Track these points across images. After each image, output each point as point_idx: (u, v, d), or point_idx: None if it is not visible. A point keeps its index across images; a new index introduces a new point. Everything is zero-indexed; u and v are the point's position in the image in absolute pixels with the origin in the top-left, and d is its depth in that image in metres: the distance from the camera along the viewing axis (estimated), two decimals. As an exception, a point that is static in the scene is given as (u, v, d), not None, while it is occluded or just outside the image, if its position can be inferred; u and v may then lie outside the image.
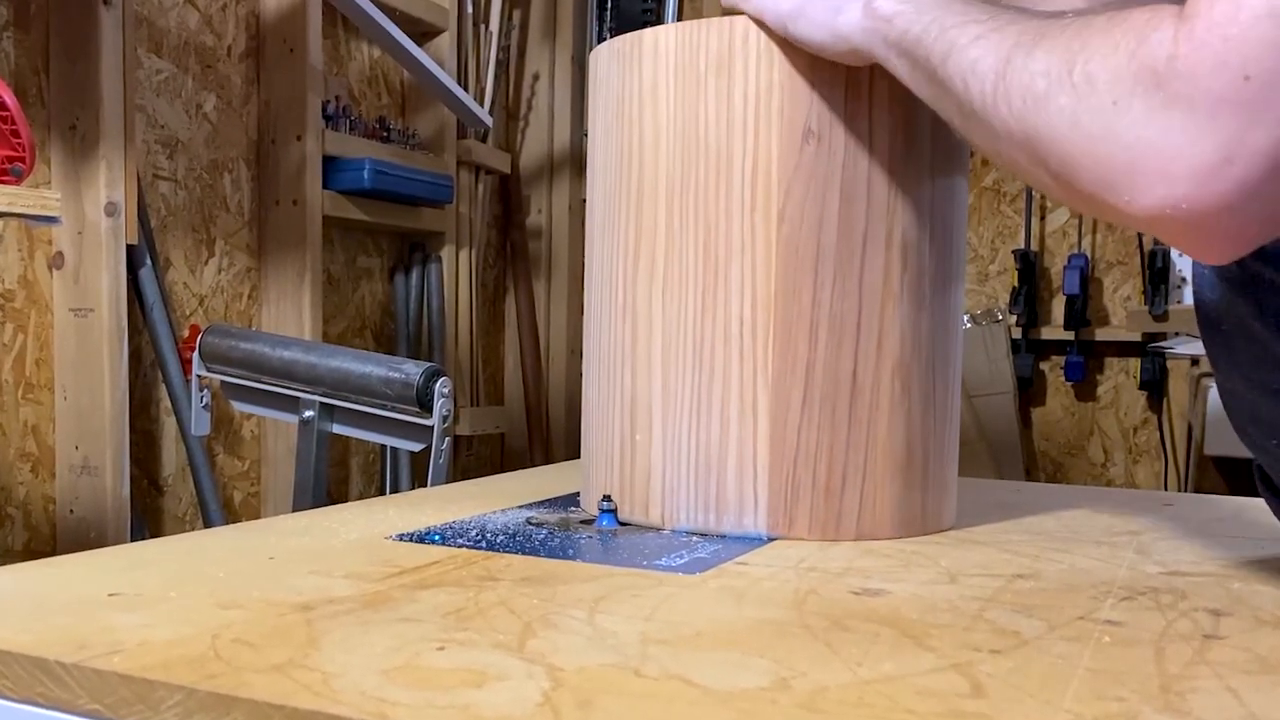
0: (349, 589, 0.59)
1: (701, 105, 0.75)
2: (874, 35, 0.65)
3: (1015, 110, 0.55)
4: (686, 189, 0.76)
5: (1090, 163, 0.51)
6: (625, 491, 0.80)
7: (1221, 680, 0.45)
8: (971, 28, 0.58)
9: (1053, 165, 0.54)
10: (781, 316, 0.74)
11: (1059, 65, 0.52)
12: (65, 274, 1.65)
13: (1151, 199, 0.49)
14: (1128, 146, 0.49)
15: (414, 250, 2.41)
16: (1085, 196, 0.53)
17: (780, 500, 0.74)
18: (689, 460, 0.76)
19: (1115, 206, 0.51)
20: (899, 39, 0.63)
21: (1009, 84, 0.55)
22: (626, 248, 0.79)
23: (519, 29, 2.76)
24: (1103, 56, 0.50)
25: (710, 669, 0.46)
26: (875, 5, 0.65)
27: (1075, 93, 0.51)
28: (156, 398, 1.85)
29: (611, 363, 0.80)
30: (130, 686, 0.44)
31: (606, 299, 0.81)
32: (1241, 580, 0.64)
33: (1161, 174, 0.49)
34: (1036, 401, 2.68)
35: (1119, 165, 0.50)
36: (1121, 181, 0.50)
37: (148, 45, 1.81)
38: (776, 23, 0.71)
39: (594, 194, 0.84)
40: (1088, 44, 0.51)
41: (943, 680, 0.45)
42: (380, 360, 1.42)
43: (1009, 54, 0.55)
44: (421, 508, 0.86)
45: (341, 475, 2.26)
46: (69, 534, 1.66)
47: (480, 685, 0.43)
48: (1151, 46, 0.48)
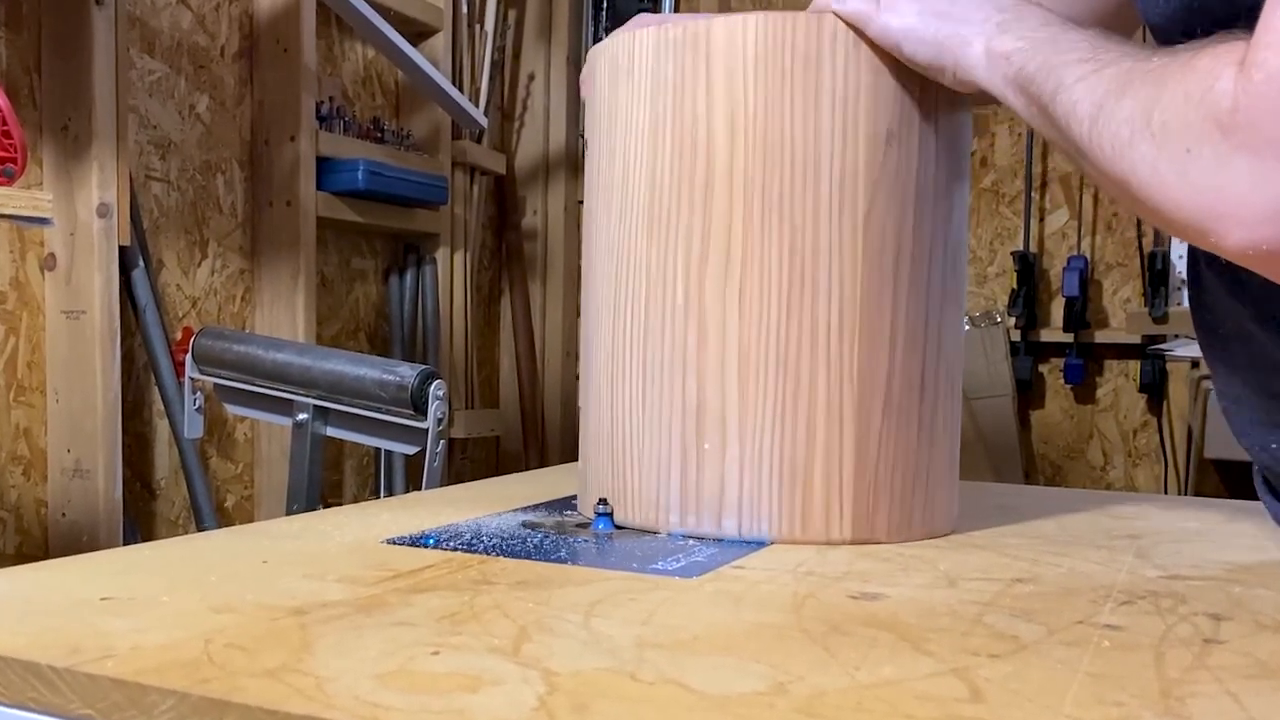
0: (343, 593, 0.58)
1: (786, 104, 0.73)
2: (995, 72, 0.67)
3: (1107, 155, 0.58)
4: (770, 189, 0.74)
5: (1174, 207, 0.55)
6: (689, 502, 0.76)
7: (1222, 685, 0.45)
8: (1075, 68, 0.61)
9: (1147, 206, 0.57)
10: (865, 322, 0.74)
11: (1140, 114, 0.56)
12: (57, 275, 1.65)
13: (1235, 240, 0.53)
14: (1202, 192, 0.53)
15: (408, 252, 2.40)
16: (1181, 232, 0.57)
17: (864, 507, 0.74)
18: (770, 469, 0.75)
19: (1208, 243, 0.55)
20: (1015, 76, 0.66)
21: (1100, 130, 0.58)
22: (689, 247, 0.75)
23: (514, 29, 2.76)
24: (1175, 105, 0.54)
25: (707, 673, 0.46)
26: (995, 44, 0.67)
27: (1154, 141, 0.55)
28: (149, 400, 1.84)
29: (666, 367, 0.77)
30: (123, 691, 0.44)
31: (659, 301, 0.77)
32: (1242, 584, 0.64)
33: (1237, 219, 0.52)
34: (1035, 404, 2.69)
35: (1199, 210, 0.54)
36: (1206, 224, 0.54)
37: (140, 45, 1.80)
38: (886, 38, 0.71)
39: (631, 186, 0.78)
40: (1162, 91, 0.55)
41: (941, 685, 0.44)
42: (374, 363, 1.41)
43: (1102, 100, 0.59)
44: (416, 511, 0.85)
45: (335, 478, 2.25)
46: (61, 538, 1.66)
47: (475, 690, 0.43)
48: (1215, 96, 0.52)
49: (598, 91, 0.81)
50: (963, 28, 0.69)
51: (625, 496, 0.79)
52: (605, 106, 0.80)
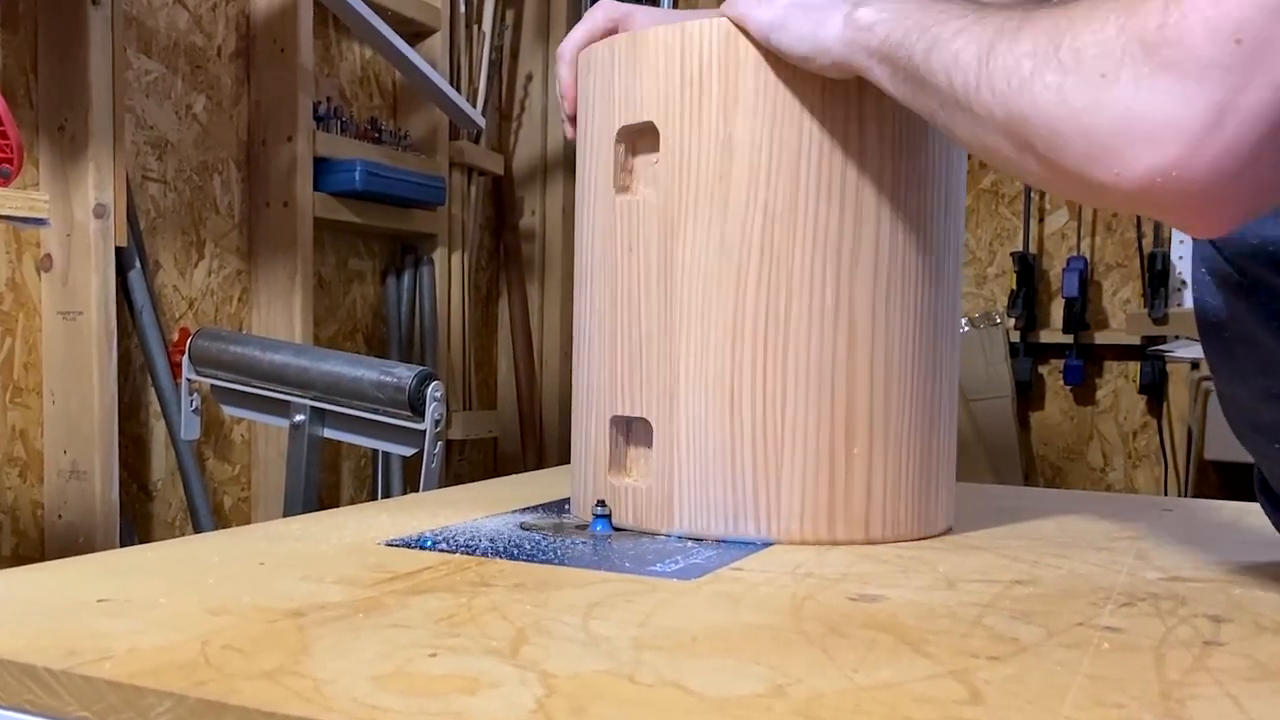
0: (340, 595, 0.58)
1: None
2: (855, 46, 0.66)
3: (999, 93, 0.55)
4: (909, 189, 0.74)
5: (1078, 136, 0.51)
6: (837, 510, 0.74)
7: (1222, 687, 0.45)
8: (953, 23, 0.59)
9: (1039, 145, 0.54)
10: (952, 321, 0.80)
11: (1045, 45, 0.53)
12: (54, 276, 1.65)
13: (1140, 168, 0.49)
14: (1116, 116, 0.49)
15: (406, 253, 2.40)
16: (1072, 174, 0.53)
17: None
18: (910, 473, 0.76)
19: (1103, 182, 0.51)
20: (880, 45, 0.64)
21: (992, 69, 0.55)
22: (840, 248, 0.74)
23: (512, 29, 2.76)
24: (1091, 32, 0.51)
25: (705, 675, 0.46)
26: (856, 15, 0.66)
27: (1062, 69, 0.52)
28: (146, 402, 1.84)
29: (816, 373, 0.74)
30: (119, 693, 0.44)
31: (804, 302, 0.74)
32: (1242, 586, 0.64)
33: (1151, 140, 0.48)
34: (1035, 405, 2.68)
35: (1107, 136, 0.50)
36: (1110, 152, 0.50)
37: (137, 45, 1.80)
38: (758, 32, 0.71)
39: (732, 182, 0.74)
40: (1074, 22, 0.52)
41: (940, 687, 0.44)
42: (372, 364, 1.41)
43: (992, 41, 0.56)
44: (413, 513, 0.85)
45: (333, 480, 2.25)
46: (57, 539, 1.65)
47: (473, 692, 0.43)
48: (1141, 17, 0.49)
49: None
50: (821, 10, 0.67)
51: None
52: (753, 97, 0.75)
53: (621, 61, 0.78)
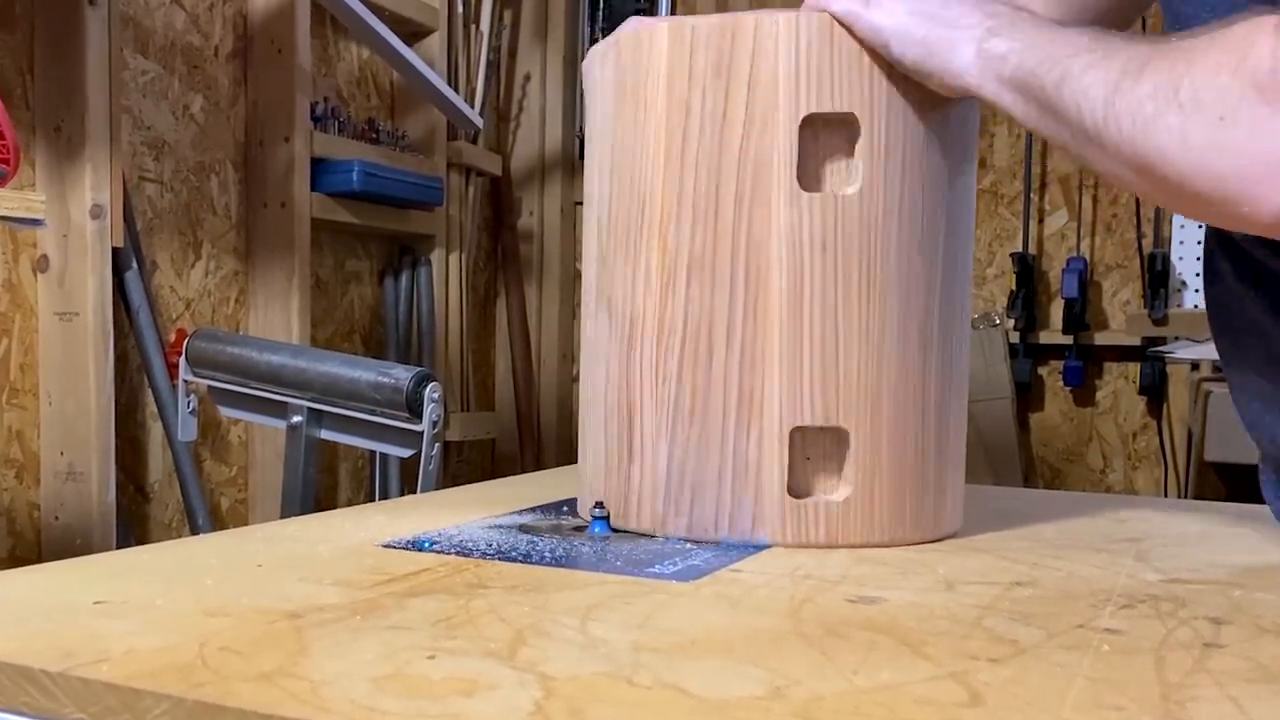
0: (338, 596, 0.58)
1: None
2: (987, 73, 0.67)
3: (1125, 132, 0.58)
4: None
5: (1203, 178, 0.55)
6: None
7: (1222, 689, 0.45)
8: (1083, 56, 0.61)
9: (1169, 183, 0.57)
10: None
11: (1165, 87, 0.56)
12: (50, 277, 1.64)
13: (1272, 206, 0.53)
14: (1239, 156, 0.53)
15: (403, 253, 2.40)
16: (1204, 208, 0.56)
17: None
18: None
19: (1238, 215, 0.54)
20: (1012, 75, 0.66)
21: (1118, 108, 0.58)
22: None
23: (510, 29, 2.76)
24: (1207, 75, 0.54)
25: (704, 677, 0.46)
26: (989, 45, 0.67)
27: (1183, 112, 0.55)
28: (143, 403, 1.83)
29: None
30: (116, 695, 0.44)
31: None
32: (1242, 588, 0.63)
33: (1275, 181, 0.52)
34: (1035, 406, 2.68)
35: (1233, 178, 0.53)
36: (1239, 193, 0.53)
37: (134, 45, 1.80)
38: (874, 37, 0.71)
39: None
40: (1192, 65, 0.55)
41: (940, 689, 0.44)
42: (369, 365, 1.41)
43: (1118, 80, 0.58)
44: (411, 514, 0.85)
45: (330, 481, 2.25)
46: (54, 541, 1.65)
47: (471, 694, 0.43)
48: (1252, 62, 0.52)
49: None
50: (953, 31, 0.68)
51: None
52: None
53: (813, 44, 0.72)
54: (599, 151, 0.81)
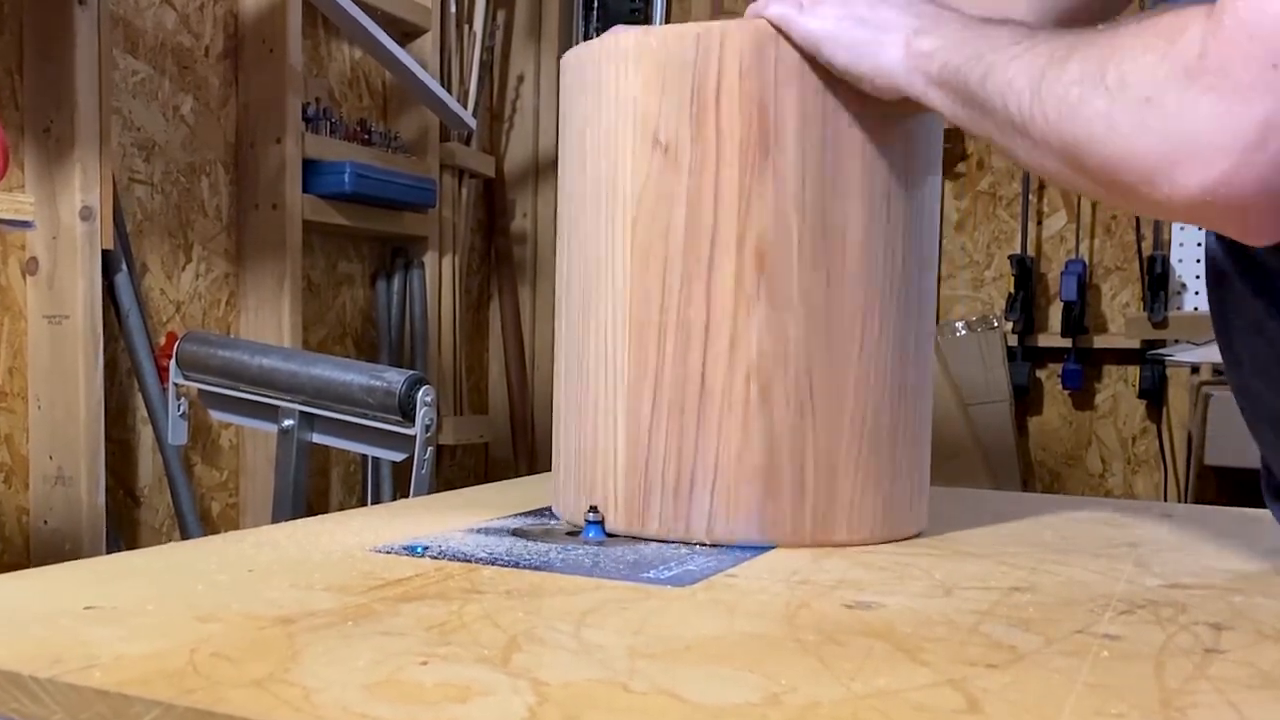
0: (330, 602, 0.58)
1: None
2: (915, 72, 0.69)
3: (1052, 120, 0.58)
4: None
5: (1129, 159, 0.55)
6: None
7: (1223, 695, 0.45)
8: (1008, 49, 0.62)
9: (1092, 168, 0.57)
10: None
11: (1092, 73, 0.56)
12: (39, 280, 1.63)
13: (1192, 185, 0.53)
14: (1164, 138, 0.53)
15: (396, 255, 2.39)
16: (1127, 193, 0.56)
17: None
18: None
19: (1158, 199, 0.55)
20: (939, 72, 0.67)
21: (1044, 97, 0.59)
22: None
23: (503, 29, 2.76)
24: (1134, 59, 0.55)
25: (700, 684, 0.45)
26: (917, 43, 0.69)
27: (1109, 95, 0.55)
28: (133, 407, 1.83)
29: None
30: (106, 702, 0.43)
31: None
32: (1243, 593, 0.63)
33: (1199, 160, 0.52)
34: (1033, 410, 2.68)
35: (1157, 158, 0.54)
36: (1162, 173, 0.54)
37: (124, 46, 1.79)
38: (806, 40, 0.73)
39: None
40: (1118, 50, 0.56)
41: (938, 696, 0.44)
42: (361, 368, 1.41)
43: (1043, 69, 0.59)
44: (404, 519, 0.85)
45: (322, 486, 2.24)
46: (43, 546, 1.64)
47: (464, 700, 0.43)
48: (1182, 46, 0.52)
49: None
50: (880, 33, 0.70)
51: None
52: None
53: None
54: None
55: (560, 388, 0.85)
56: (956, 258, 2.72)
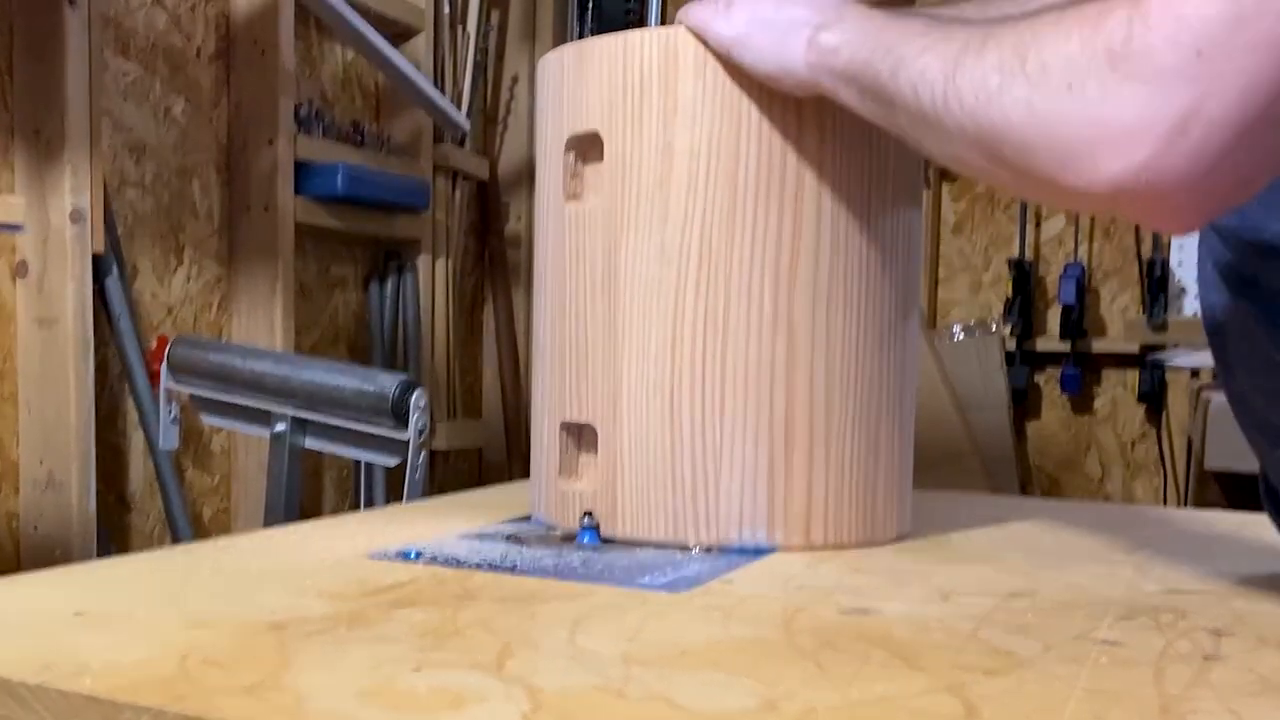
0: (322, 608, 0.58)
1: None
2: (819, 69, 0.68)
3: (967, 107, 0.57)
4: (851, 195, 0.76)
5: (1047, 145, 0.54)
6: (776, 514, 0.75)
7: (1223, 702, 0.44)
8: (917, 40, 0.62)
9: (1009, 155, 0.56)
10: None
11: (1011, 59, 0.55)
12: (29, 283, 1.63)
13: (1111, 172, 0.52)
14: (1084, 124, 0.52)
15: (389, 258, 2.39)
16: (1044, 181, 0.55)
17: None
18: (853, 478, 0.77)
19: (1074, 187, 0.54)
20: (845, 67, 0.67)
21: (959, 84, 0.58)
22: (779, 256, 0.75)
23: (497, 30, 2.75)
24: (1055, 45, 0.54)
25: (695, 690, 0.45)
26: (820, 39, 0.68)
27: (1029, 82, 0.54)
28: (123, 411, 1.82)
29: (755, 379, 0.75)
30: (97, 709, 0.43)
31: (743, 309, 0.75)
32: (1243, 599, 0.63)
33: (1119, 146, 0.51)
34: (1031, 415, 2.68)
35: (1076, 143, 0.53)
36: (1081, 159, 0.53)
37: (114, 47, 1.78)
38: (719, 46, 0.74)
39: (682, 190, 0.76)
40: (1039, 36, 0.55)
41: (936, 702, 0.44)
42: (354, 372, 1.40)
43: (957, 56, 0.58)
44: (397, 524, 0.85)
45: (314, 491, 2.23)
46: (33, 551, 1.63)
47: (458, 707, 0.43)
48: (1105, 32, 0.51)
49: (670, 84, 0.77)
50: (785, 33, 0.70)
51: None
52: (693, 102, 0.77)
53: (570, 70, 0.80)
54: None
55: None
56: (954, 261, 2.72)
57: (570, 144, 0.80)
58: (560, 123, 0.81)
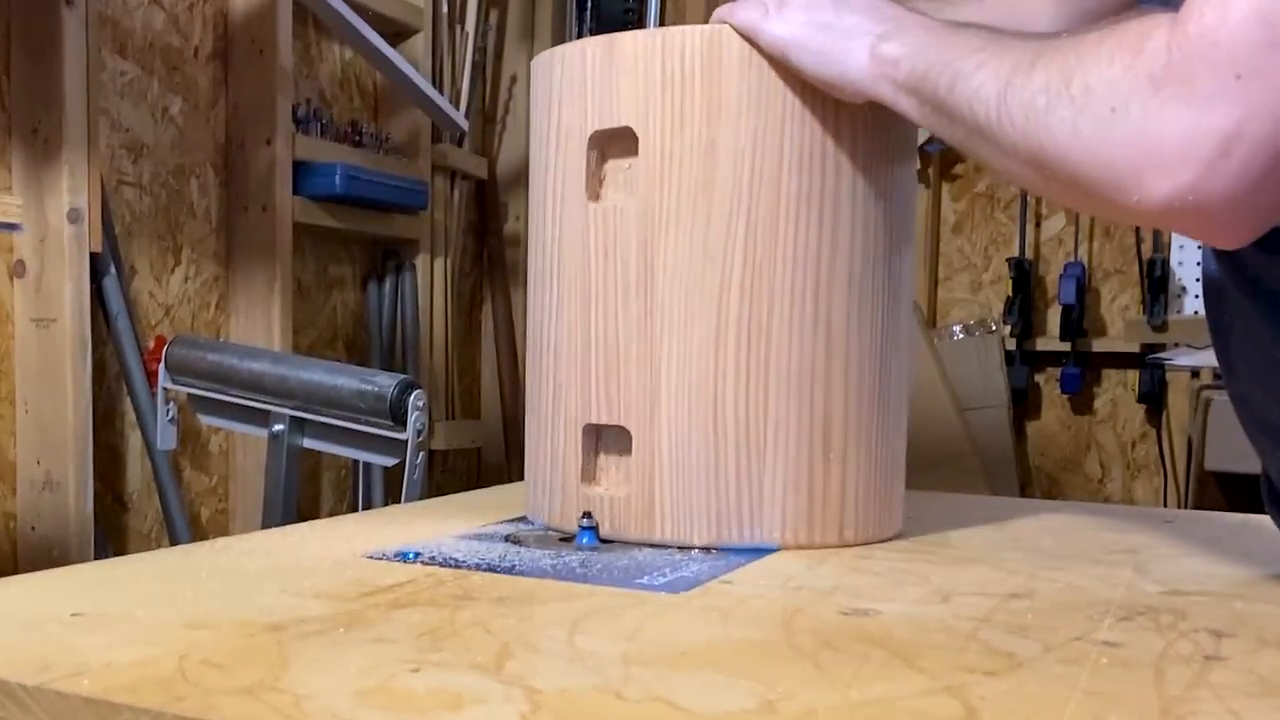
0: (320, 608, 0.58)
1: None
2: (881, 79, 0.69)
3: (1019, 127, 0.59)
4: (878, 199, 0.77)
5: (1094, 168, 0.55)
6: (815, 514, 0.76)
7: (1223, 703, 0.44)
8: (974, 56, 0.63)
9: (1060, 175, 0.58)
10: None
11: (1057, 81, 0.57)
12: (26, 283, 1.62)
13: (1160, 193, 0.53)
14: (1130, 145, 0.54)
15: (387, 258, 2.38)
16: (1095, 200, 0.57)
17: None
18: (877, 476, 0.79)
19: (1127, 206, 0.55)
20: (905, 79, 0.68)
21: (1010, 104, 0.59)
22: (819, 256, 0.75)
23: (496, 30, 2.75)
24: (1099, 68, 0.55)
25: (694, 691, 0.45)
26: (882, 51, 0.69)
27: (1074, 105, 0.56)
28: (121, 411, 1.82)
29: (796, 380, 0.76)
30: (95, 710, 0.43)
31: (785, 309, 0.75)
32: (1243, 600, 0.63)
33: (1165, 169, 0.53)
34: (1031, 415, 2.67)
35: (1123, 167, 0.54)
36: (1128, 181, 0.54)
37: (112, 46, 1.78)
38: (773, 47, 0.73)
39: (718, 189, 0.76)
40: (1083, 58, 0.56)
41: (935, 703, 0.44)
42: (352, 372, 1.40)
43: (1009, 75, 0.60)
44: (395, 525, 0.85)
45: (312, 491, 2.23)
46: (30, 552, 1.63)
47: (456, 708, 0.42)
48: (1147, 55, 0.53)
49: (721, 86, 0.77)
50: (847, 39, 0.71)
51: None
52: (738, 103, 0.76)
53: (597, 65, 0.78)
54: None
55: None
56: (954, 261, 2.71)
57: (595, 140, 0.78)
58: (582, 118, 0.78)
